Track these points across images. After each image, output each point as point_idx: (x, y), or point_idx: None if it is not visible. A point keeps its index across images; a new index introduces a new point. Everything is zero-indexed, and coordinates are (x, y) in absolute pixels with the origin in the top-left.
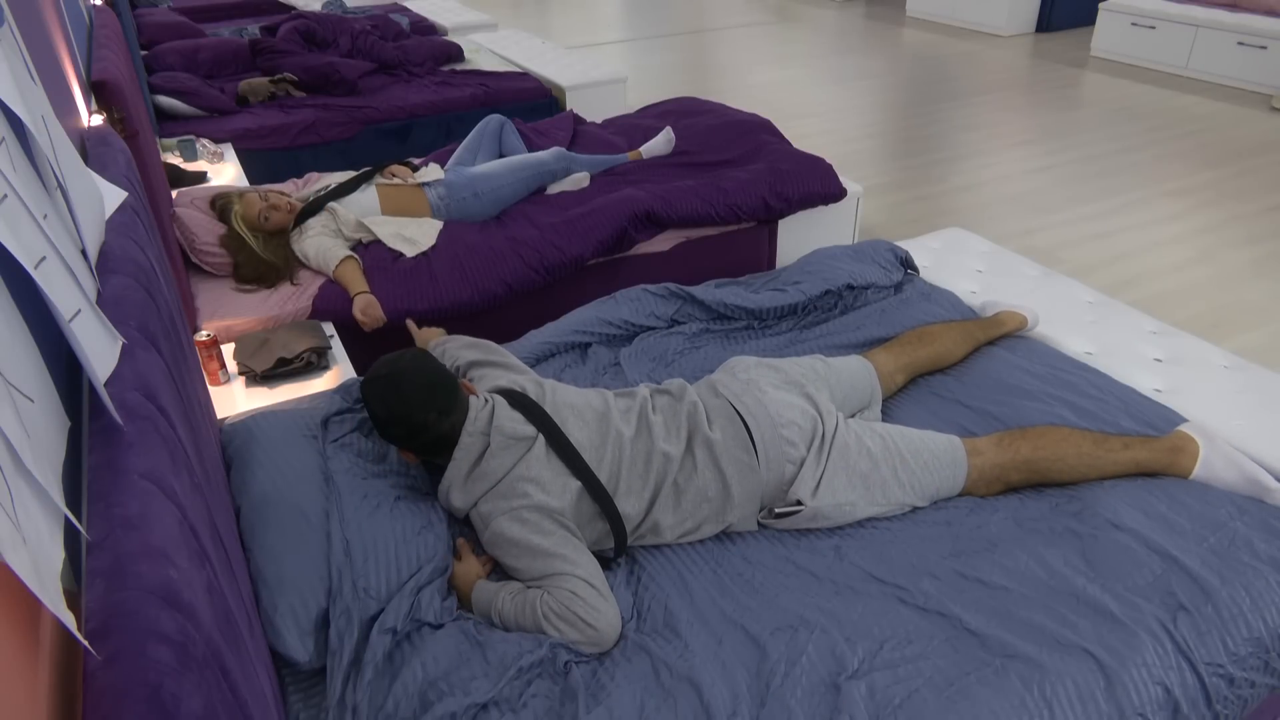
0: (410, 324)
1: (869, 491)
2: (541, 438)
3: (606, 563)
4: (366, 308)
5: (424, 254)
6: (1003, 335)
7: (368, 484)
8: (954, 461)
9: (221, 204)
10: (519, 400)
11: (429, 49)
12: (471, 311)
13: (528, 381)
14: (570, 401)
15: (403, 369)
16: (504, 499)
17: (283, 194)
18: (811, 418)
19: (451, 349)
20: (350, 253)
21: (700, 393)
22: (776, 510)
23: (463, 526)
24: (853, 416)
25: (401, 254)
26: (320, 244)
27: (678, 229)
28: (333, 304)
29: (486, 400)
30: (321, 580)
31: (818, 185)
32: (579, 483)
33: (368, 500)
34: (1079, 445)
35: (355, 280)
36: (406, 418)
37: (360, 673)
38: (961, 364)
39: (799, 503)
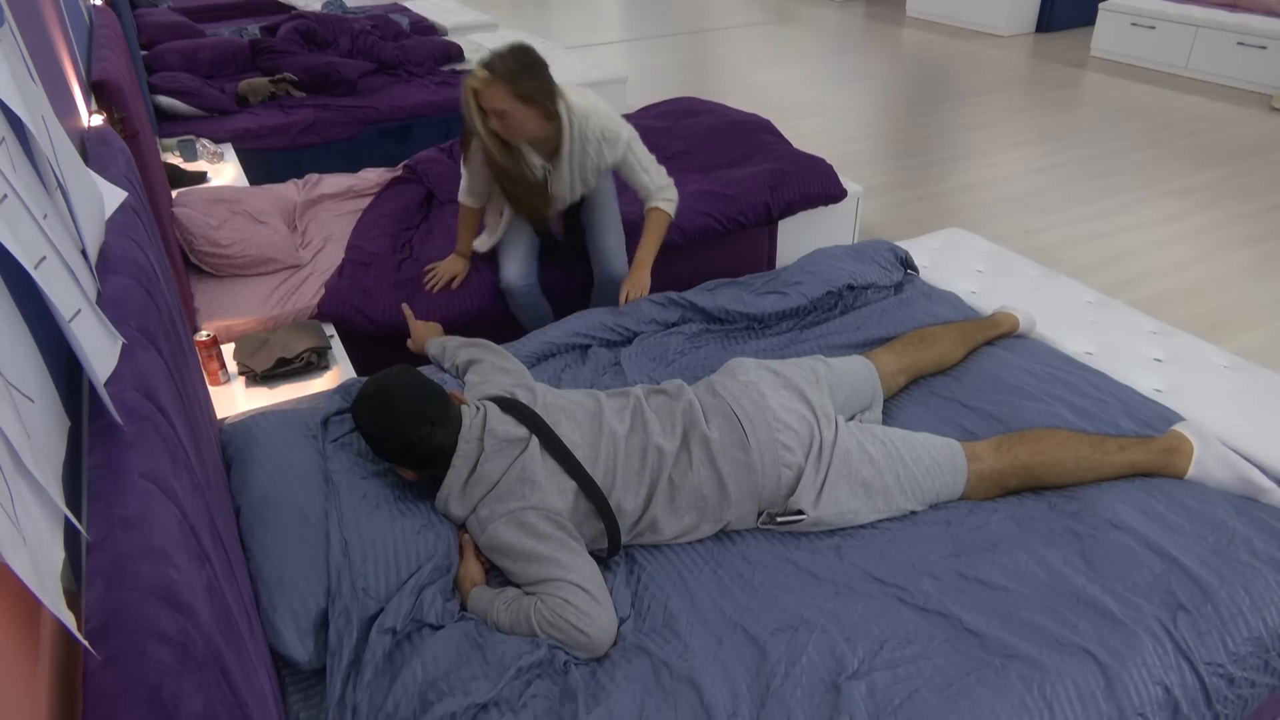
0: (406, 310)
1: (871, 499)
2: (535, 439)
3: (603, 562)
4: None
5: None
6: (999, 335)
7: (367, 484)
8: (954, 468)
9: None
10: (510, 405)
11: (429, 49)
12: (470, 318)
13: (518, 387)
14: (560, 404)
15: (390, 385)
16: (502, 501)
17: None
18: (809, 424)
19: (450, 347)
20: (471, 204)
21: (698, 393)
22: (779, 519)
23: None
24: (853, 418)
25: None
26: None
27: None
28: (333, 305)
29: (478, 408)
30: (321, 580)
31: (818, 185)
32: (574, 483)
33: (367, 500)
34: (1077, 450)
35: (458, 234)
36: (399, 432)
37: (360, 673)
38: (961, 364)
39: (800, 511)
